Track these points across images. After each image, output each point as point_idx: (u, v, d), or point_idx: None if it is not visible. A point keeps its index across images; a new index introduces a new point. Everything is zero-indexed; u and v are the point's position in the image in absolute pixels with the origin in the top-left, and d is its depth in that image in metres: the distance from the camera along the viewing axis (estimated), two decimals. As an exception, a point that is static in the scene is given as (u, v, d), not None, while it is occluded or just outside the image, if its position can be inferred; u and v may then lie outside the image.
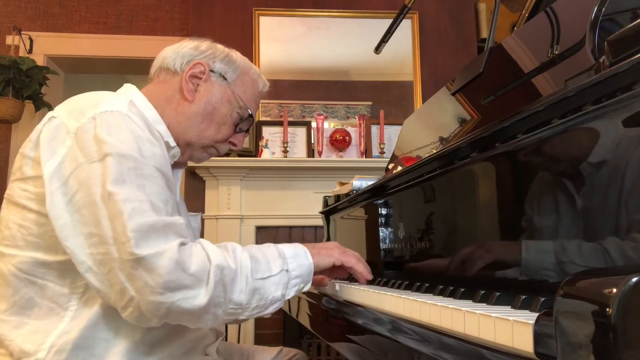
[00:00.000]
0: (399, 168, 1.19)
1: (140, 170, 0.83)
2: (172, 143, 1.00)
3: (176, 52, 1.06)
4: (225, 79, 1.05)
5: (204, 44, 1.07)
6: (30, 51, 3.22)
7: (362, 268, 1.03)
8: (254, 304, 0.87)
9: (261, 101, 2.97)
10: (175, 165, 1.06)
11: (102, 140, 0.82)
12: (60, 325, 0.85)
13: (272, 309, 0.91)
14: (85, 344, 0.85)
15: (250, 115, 1.08)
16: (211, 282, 0.81)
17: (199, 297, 0.80)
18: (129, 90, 1.00)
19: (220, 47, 1.09)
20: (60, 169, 0.84)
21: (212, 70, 1.05)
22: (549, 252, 0.62)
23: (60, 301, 0.86)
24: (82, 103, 0.90)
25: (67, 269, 0.85)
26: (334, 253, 1.01)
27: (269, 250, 0.93)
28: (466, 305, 0.58)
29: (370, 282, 1.08)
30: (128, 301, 0.79)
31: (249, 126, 1.11)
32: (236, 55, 1.10)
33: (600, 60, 0.54)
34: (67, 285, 0.86)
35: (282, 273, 0.91)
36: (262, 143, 2.86)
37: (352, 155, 2.97)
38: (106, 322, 0.86)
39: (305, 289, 0.97)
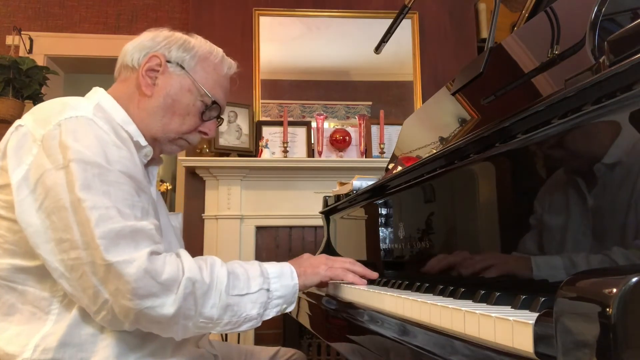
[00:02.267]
0: (399, 168, 1.19)
1: (105, 176, 0.83)
2: (143, 142, 0.98)
3: (134, 46, 1.03)
4: (182, 67, 1.01)
5: (161, 34, 1.04)
6: (30, 51, 3.22)
7: (351, 278, 1.02)
8: (226, 320, 0.87)
9: (261, 101, 3.01)
10: (149, 163, 1.04)
11: (66, 147, 0.82)
12: (43, 328, 0.85)
13: (246, 327, 0.91)
14: (72, 341, 0.85)
15: (215, 102, 1.04)
16: (180, 293, 0.81)
17: (166, 306, 0.80)
18: (96, 93, 0.99)
19: (178, 34, 1.05)
20: (27, 177, 0.84)
21: (168, 61, 1.01)
22: (548, 251, 0.62)
23: (41, 305, 0.86)
24: (48, 110, 0.89)
25: (46, 274, 0.84)
26: (320, 270, 1.00)
27: (252, 267, 0.93)
28: (466, 305, 0.58)
29: (370, 282, 1.08)
30: (102, 304, 0.80)
31: (217, 113, 1.06)
32: (195, 40, 1.05)
33: (600, 60, 0.54)
34: (47, 289, 0.86)
35: (261, 292, 0.91)
36: (262, 143, 2.86)
37: (352, 155, 2.97)
38: (91, 319, 0.85)
39: (289, 309, 0.96)
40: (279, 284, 0.93)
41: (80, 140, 0.84)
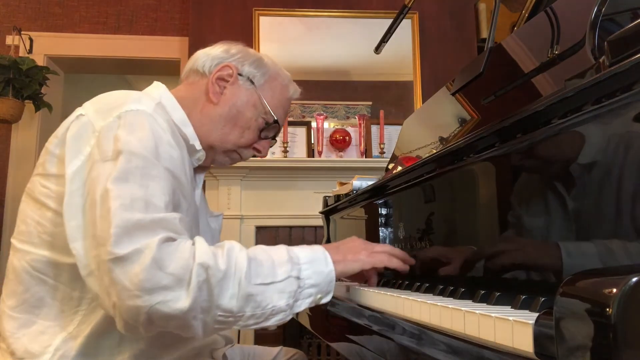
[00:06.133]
0: (399, 168, 1.19)
1: (148, 170, 0.79)
2: (198, 146, 0.99)
3: (207, 54, 1.05)
4: (252, 82, 1.04)
5: (235, 47, 1.06)
6: (30, 51, 3.22)
7: (396, 263, 0.93)
8: (249, 313, 0.77)
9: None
10: (197, 169, 1.04)
11: (119, 139, 0.81)
12: (68, 328, 0.84)
13: (274, 321, 0.81)
14: (89, 352, 0.84)
15: (276, 122, 1.05)
16: (193, 283, 0.72)
17: (180, 301, 0.72)
18: (158, 90, 0.99)
19: (251, 51, 1.08)
20: (82, 169, 0.83)
21: (240, 74, 1.03)
22: (548, 251, 0.62)
23: (70, 304, 0.85)
24: (111, 102, 0.89)
25: (78, 273, 0.81)
26: (361, 256, 0.90)
27: (278, 252, 0.83)
28: (466, 305, 0.58)
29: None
30: (113, 308, 0.74)
31: (275, 133, 1.08)
32: (267, 59, 1.08)
33: (600, 60, 0.54)
34: (79, 289, 0.84)
35: (290, 280, 0.80)
36: (262, 143, 2.86)
37: (352, 155, 2.97)
38: (112, 329, 0.82)
39: (325, 300, 0.86)
40: (311, 270, 0.82)
41: (134, 133, 0.82)
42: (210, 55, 1.05)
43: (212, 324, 0.77)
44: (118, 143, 0.81)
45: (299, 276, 0.81)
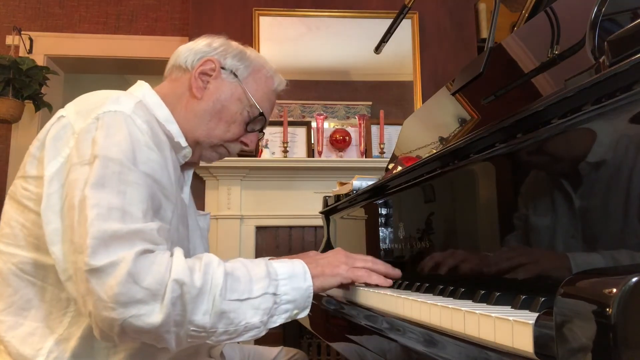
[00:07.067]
0: (399, 168, 1.19)
1: (125, 175, 0.79)
2: (184, 143, 0.98)
3: (189, 49, 1.04)
4: (236, 76, 1.03)
5: (217, 41, 1.05)
6: (30, 51, 3.22)
7: (375, 280, 0.92)
8: (222, 329, 0.78)
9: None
10: (185, 166, 1.04)
11: (96, 142, 0.80)
12: (58, 329, 0.84)
13: (248, 336, 0.81)
14: (84, 353, 0.83)
15: (261, 114, 1.04)
16: (167, 298, 0.72)
17: (154, 315, 0.72)
18: (140, 88, 0.99)
19: (234, 44, 1.07)
20: (61, 171, 0.82)
21: (223, 67, 1.02)
22: (548, 251, 0.62)
23: (58, 306, 0.85)
24: (90, 103, 0.88)
25: None
26: (340, 271, 0.90)
27: (257, 267, 0.83)
28: (466, 305, 0.58)
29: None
30: (89, 316, 0.75)
31: (261, 126, 1.07)
32: (250, 52, 1.07)
33: (600, 60, 0.54)
34: (66, 291, 0.83)
35: (265, 297, 0.80)
36: (262, 143, 2.86)
37: (352, 155, 2.97)
38: None
39: (301, 315, 0.85)
40: (289, 286, 0.83)
41: (111, 136, 0.81)
42: (193, 50, 1.03)
43: (185, 338, 0.77)
44: (95, 147, 0.80)
45: (275, 292, 0.81)
